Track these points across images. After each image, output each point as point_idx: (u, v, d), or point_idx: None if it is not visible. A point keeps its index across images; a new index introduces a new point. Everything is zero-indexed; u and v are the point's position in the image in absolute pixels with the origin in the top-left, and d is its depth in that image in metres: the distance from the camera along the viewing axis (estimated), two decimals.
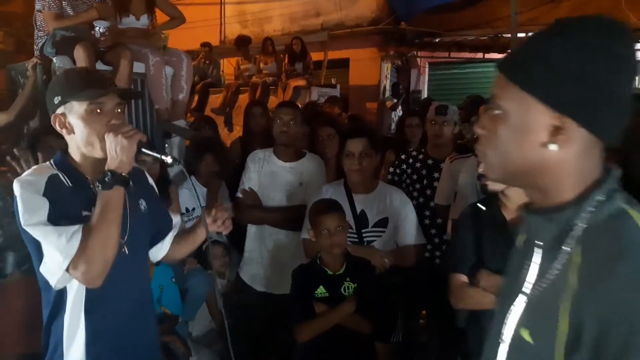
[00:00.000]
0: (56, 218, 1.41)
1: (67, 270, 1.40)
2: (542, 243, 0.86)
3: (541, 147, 0.80)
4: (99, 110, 1.49)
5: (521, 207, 0.91)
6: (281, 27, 10.50)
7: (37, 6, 3.48)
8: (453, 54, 9.38)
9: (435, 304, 2.83)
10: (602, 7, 7.83)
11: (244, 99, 7.58)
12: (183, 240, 1.85)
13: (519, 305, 0.88)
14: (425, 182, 3.19)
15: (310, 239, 2.31)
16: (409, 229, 2.51)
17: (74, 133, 1.52)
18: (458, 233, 2.03)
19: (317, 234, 2.20)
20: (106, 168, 1.47)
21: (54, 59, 3.37)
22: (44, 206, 1.41)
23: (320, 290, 2.18)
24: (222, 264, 3.24)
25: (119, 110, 1.54)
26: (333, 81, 8.97)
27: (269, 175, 2.81)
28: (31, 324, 2.04)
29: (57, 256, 1.39)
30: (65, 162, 1.56)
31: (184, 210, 3.07)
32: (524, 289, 0.87)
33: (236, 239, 3.13)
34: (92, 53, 3.21)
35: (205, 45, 8.55)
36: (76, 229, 1.41)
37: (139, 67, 3.51)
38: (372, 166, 2.51)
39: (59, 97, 1.50)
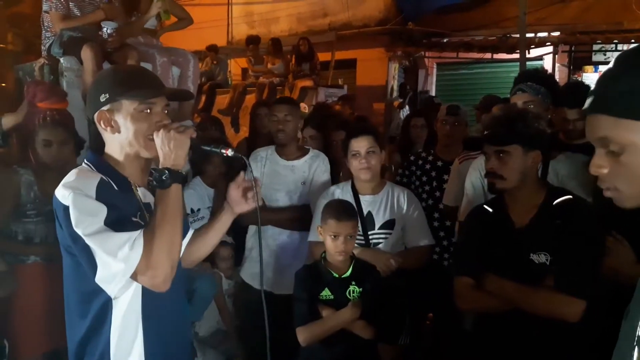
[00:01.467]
0: (114, 224, 1.34)
1: (133, 277, 1.34)
2: None
3: None
4: (148, 111, 1.45)
5: None
6: (288, 28, 10.49)
7: (44, 7, 3.50)
8: (461, 55, 9.33)
9: (442, 307, 2.80)
10: (612, 8, 7.77)
11: (250, 99, 7.57)
12: (200, 239, 1.73)
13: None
14: (434, 183, 3.16)
15: (317, 242, 2.27)
16: (417, 230, 2.48)
17: (119, 132, 1.46)
18: (464, 235, 2.01)
19: (325, 235, 2.16)
20: (161, 166, 1.41)
21: (61, 60, 3.38)
22: (101, 211, 1.34)
23: (326, 292, 2.14)
24: (229, 265, 3.23)
25: (167, 111, 1.50)
26: (340, 82, 8.95)
27: (272, 175, 2.78)
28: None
29: (119, 265, 1.32)
30: (106, 164, 1.48)
31: (189, 211, 3.05)
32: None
33: (240, 241, 3.11)
34: (99, 53, 3.22)
35: (210, 49, 8.55)
36: (137, 235, 1.34)
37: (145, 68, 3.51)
38: (379, 164, 2.48)
39: (107, 95, 1.44)
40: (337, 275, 2.16)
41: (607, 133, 0.87)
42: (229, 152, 1.51)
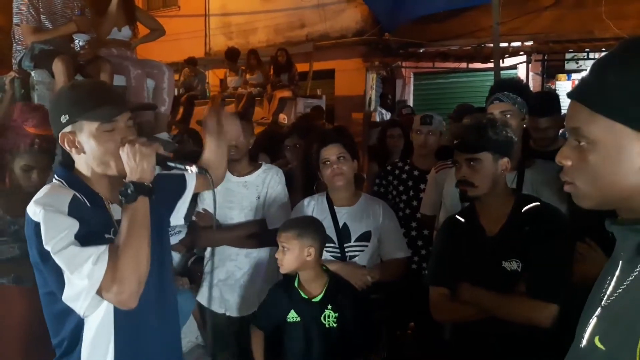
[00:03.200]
0: (84, 238, 1.31)
1: (98, 294, 1.31)
2: (623, 254, 0.87)
3: (638, 171, 0.81)
4: (111, 129, 1.41)
5: (607, 222, 0.91)
6: (266, 39, 10.52)
7: (15, 20, 3.43)
8: (437, 64, 9.45)
9: (423, 316, 2.79)
10: (583, 18, 7.96)
11: (229, 110, 7.53)
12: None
13: (596, 316, 0.89)
14: (411, 193, 3.17)
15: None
16: (393, 243, 2.46)
17: (84, 152, 1.43)
18: (437, 245, 2.02)
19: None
20: (127, 180, 1.39)
21: (32, 73, 3.32)
22: (73, 227, 1.31)
23: (292, 315, 2.08)
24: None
25: (130, 124, 1.47)
26: (319, 92, 8.98)
27: (224, 193, 2.67)
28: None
29: (83, 281, 1.28)
30: (77, 180, 1.46)
31: None
32: (602, 302, 0.88)
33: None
34: (71, 66, 3.16)
35: (189, 62, 8.51)
36: (103, 250, 1.32)
37: (119, 80, 3.46)
38: (352, 171, 2.45)
39: (67, 116, 1.40)
40: (306, 297, 2.09)
41: (579, 124, 0.84)
42: (193, 169, 1.49)
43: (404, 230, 2.89)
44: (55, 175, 1.47)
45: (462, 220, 1.96)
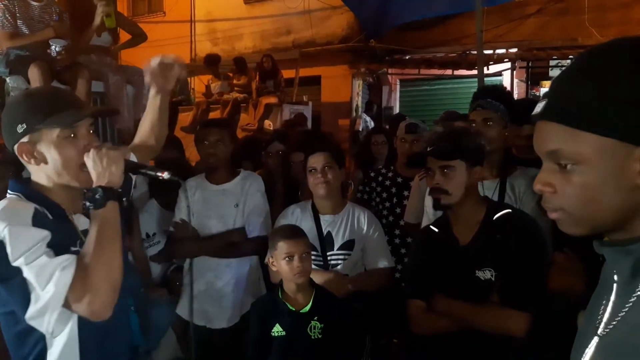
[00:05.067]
0: (56, 248, 1.24)
1: (66, 306, 1.22)
2: (617, 278, 0.79)
3: (635, 188, 0.73)
4: (72, 135, 1.34)
5: (596, 243, 0.83)
6: (252, 45, 10.49)
7: None
8: (423, 71, 9.49)
9: (407, 326, 2.76)
10: (567, 25, 8.05)
11: (215, 116, 7.48)
12: (142, 129, 1.75)
13: (593, 347, 0.80)
14: (395, 200, 3.14)
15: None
16: (377, 252, 2.42)
17: (45, 163, 1.35)
18: (412, 257, 1.98)
19: (279, 261, 2.04)
20: (95, 185, 1.32)
21: (8, 79, 3.26)
22: (44, 238, 1.23)
23: (277, 328, 2.02)
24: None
25: (92, 130, 1.39)
26: (305, 98, 8.96)
27: (202, 202, 2.62)
28: None
29: (49, 292, 1.20)
30: (36, 192, 1.37)
31: (144, 236, 2.93)
32: (598, 331, 0.80)
33: None
34: (47, 72, 3.11)
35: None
36: (70, 258, 1.24)
37: (98, 86, 3.40)
38: (338, 180, 2.42)
39: (24, 125, 1.31)
40: (293, 309, 2.04)
41: (560, 146, 0.76)
42: (165, 175, 1.42)
43: (387, 238, 2.85)
44: (9, 190, 1.38)
45: (436, 230, 1.94)
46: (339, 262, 2.38)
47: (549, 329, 1.64)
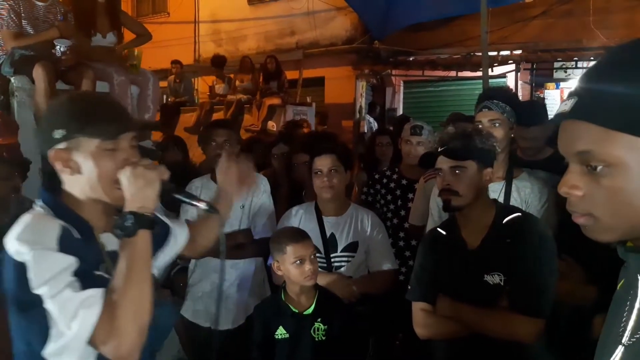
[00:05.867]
0: (83, 278, 1.14)
1: (91, 345, 1.12)
2: None
3: None
4: (113, 148, 1.24)
5: (620, 249, 0.80)
6: (256, 46, 10.50)
7: None
8: (427, 72, 9.47)
9: (410, 328, 2.74)
10: (570, 26, 8.02)
11: (218, 117, 7.49)
12: (203, 226, 1.61)
13: (618, 357, 0.77)
14: (399, 202, 3.12)
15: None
16: (380, 254, 2.41)
17: (79, 173, 1.25)
18: (419, 259, 1.96)
19: (287, 265, 2.00)
20: (126, 209, 1.19)
21: (12, 79, 3.25)
22: (69, 266, 1.13)
23: (280, 331, 2.00)
24: None
25: (135, 144, 1.29)
26: (309, 99, 8.95)
27: None
28: None
29: (71, 330, 1.11)
30: (65, 208, 1.26)
31: None
32: (623, 340, 0.76)
33: None
34: (51, 72, 3.11)
35: (175, 62, 8.46)
36: (96, 293, 1.13)
37: (102, 87, 3.40)
38: (343, 183, 2.41)
39: (63, 131, 1.22)
40: (297, 311, 2.02)
41: (591, 147, 0.71)
42: (202, 205, 1.32)
43: (391, 240, 2.84)
44: (40, 202, 1.27)
45: (444, 233, 1.91)
46: (343, 264, 2.36)
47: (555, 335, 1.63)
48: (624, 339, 0.75)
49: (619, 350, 0.76)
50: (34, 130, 3.14)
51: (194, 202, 1.33)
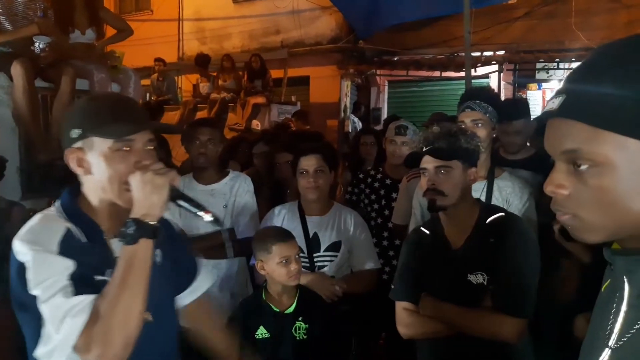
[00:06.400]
0: (78, 282, 1.13)
1: (77, 353, 1.10)
2: (629, 287, 0.74)
3: None
4: (126, 149, 1.21)
5: (607, 251, 0.79)
6: (240, 44, 10.44)
7: None
8: (411, 72, 9.51)
9: (393, 327, 2.75)
10: (554, 28, 8.12)
11: (202, 116, 7.43)
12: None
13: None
14: (383, 202, 3.13)
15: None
16: (364, 254, 2.41)
17: (91, 174, 1.24)
18: (402, 258, 1.96)
19: (271, 265, 1.99)
20: (131, 216, 1.17)
21: None
22: (65, 269, 1.12)
23: (261, 331, 1.99)
24: None
25: (150, 147, 1.25)
26: (293, 98, 8.93)
27: None
28: None
29: (58, 335, 1.10)
30: (78, 210, 1.25)
31: None
32: (609, 343, 0.75)
33: None
34: (30, 69, 3.05)
35: (158, 60, 8.37)
36: (84, 301, 1.11)
37: (82, 84, 3.35)
38: (328, 183, 2.41)
39: (79, 130, 1.21)
40: (278, 310, 2.01)
41: (579, 146, 0.69)
42: (207, 217, 1.27)
43: (375, 240, 2.84)
44: (58, 203, 1.27)
45: (427, 232, 1.91)
46: (325, 263, 2.36)
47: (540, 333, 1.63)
48: (611, 342, 0.75)
49: (606, 353, 0.75)
50: (11, 129, 3.09)
51: (199, 212, 1.27)
